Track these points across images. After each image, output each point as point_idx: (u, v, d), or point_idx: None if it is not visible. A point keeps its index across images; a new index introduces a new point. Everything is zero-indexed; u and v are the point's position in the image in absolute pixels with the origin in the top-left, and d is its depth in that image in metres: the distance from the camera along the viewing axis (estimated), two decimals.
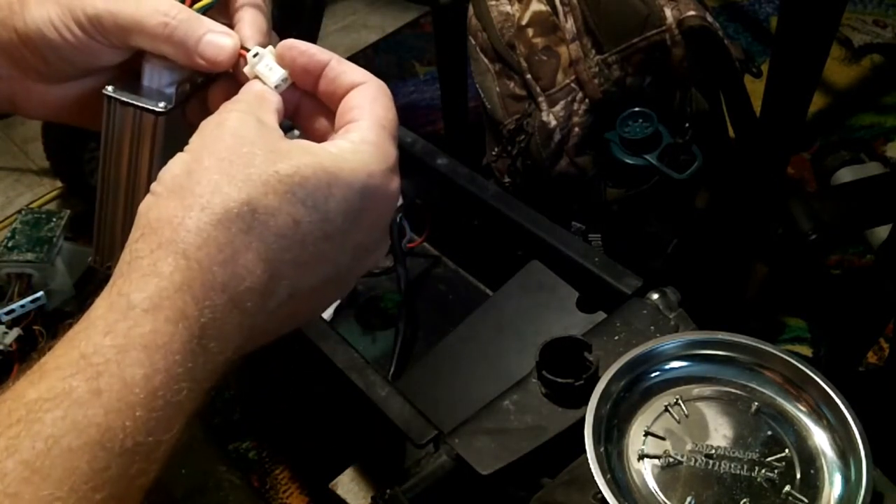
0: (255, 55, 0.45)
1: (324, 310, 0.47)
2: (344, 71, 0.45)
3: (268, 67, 0.45)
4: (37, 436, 0.33)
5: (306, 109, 0.47)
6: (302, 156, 0.40)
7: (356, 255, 0.43)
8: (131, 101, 0.46)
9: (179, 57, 0.45)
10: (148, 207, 0.39)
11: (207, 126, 0.41)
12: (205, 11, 0.46)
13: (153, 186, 0.40)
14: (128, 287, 0.37)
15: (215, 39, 0.44)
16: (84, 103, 0.49)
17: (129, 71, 0.48)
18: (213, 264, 0.37)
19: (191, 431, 0.37)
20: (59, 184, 1.55)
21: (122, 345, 0.35)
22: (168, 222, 0.38)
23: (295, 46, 0.45)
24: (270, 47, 0.46)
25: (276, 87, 0.44)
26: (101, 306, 0.37)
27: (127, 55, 0.47)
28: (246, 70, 0.45)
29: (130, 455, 0.34)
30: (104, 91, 0.47)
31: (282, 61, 0.45)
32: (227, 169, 0.39)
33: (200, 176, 0.39)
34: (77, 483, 0.33)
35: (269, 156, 0.39)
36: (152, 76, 0.47)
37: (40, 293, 1.24)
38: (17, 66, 0.47)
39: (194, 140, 0.41)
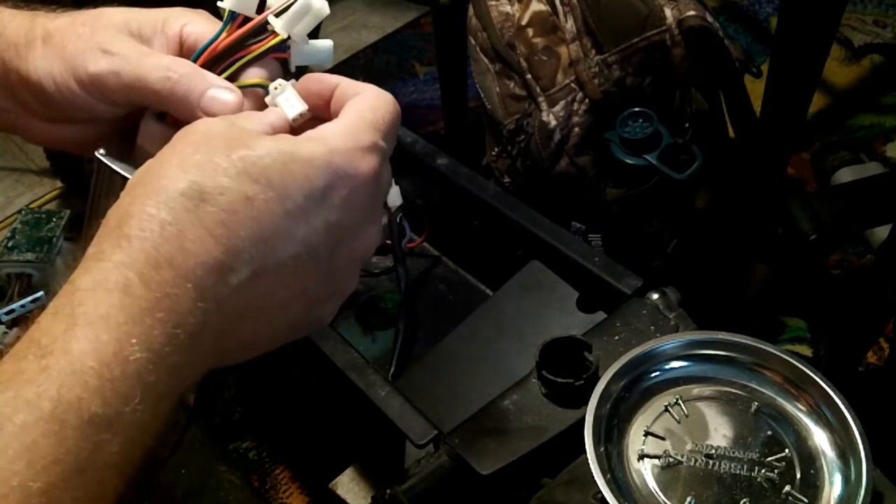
0: (276, 87, 0.46)
1: (327, 299, 0.45)
2: (350, 85, 0.45)
3: (287, 100, 0.45)
4: None
5: None
6: (261, 141, 0.40)
7: (338, 239, 0.42)
8: (118, 170, 0.47)
9: (181, 112, 0.45)
10: (111, 210, 0.40)
11: (180, 131, 0.42)
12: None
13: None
14: (75, 275, 0.38)
15: (218, 94, 0.45)
16: (85, 142, 0.50)
17: (127, 130, 0.49)
18: (157, 242, 0.37)
19: (191, 431, 0.37)
20: (59, 184, 1.55)
21: (67, 323, 0.36)
22: (114, 214, 0.39)
23: (311, 76, 0.46)
24: (293, 80, 0.46)
25: (293, 120, 0.45)
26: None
27: (127, 111, 0.48)
28: (267, 100, 0.46)
29: (88, 426, 0.34)
30: (96, 153, 0.48)
31: (302, 93, 0.46)
32: (180, 161, 0.39)
33: (156, 170, 0.39)
34: (34, 458, 0.33)
35: (226, 143, 0.40)
36: (146, 137, 0.48)
37: (40, 293, 1.23)
38: (18, 103, 0.48)
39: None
